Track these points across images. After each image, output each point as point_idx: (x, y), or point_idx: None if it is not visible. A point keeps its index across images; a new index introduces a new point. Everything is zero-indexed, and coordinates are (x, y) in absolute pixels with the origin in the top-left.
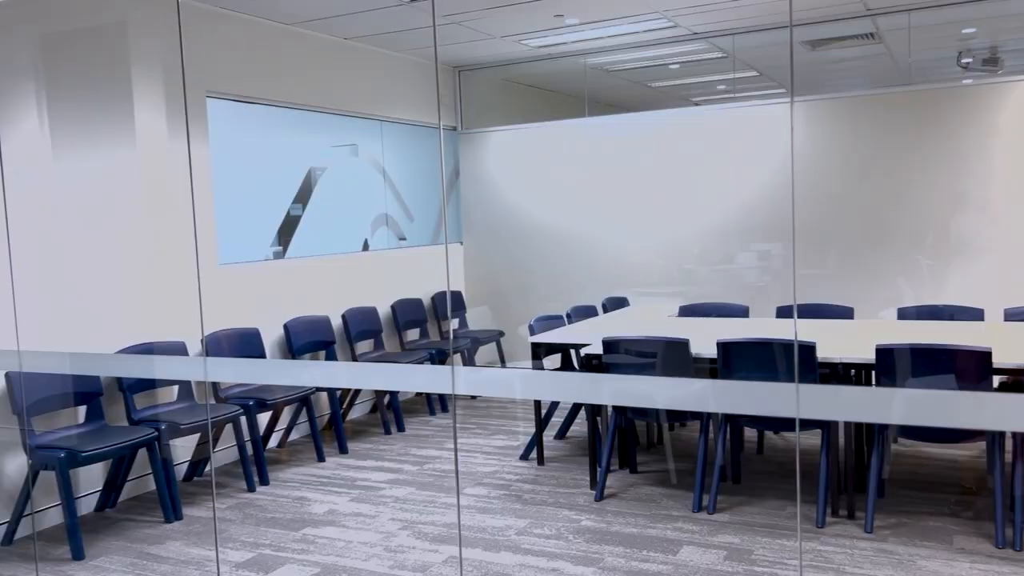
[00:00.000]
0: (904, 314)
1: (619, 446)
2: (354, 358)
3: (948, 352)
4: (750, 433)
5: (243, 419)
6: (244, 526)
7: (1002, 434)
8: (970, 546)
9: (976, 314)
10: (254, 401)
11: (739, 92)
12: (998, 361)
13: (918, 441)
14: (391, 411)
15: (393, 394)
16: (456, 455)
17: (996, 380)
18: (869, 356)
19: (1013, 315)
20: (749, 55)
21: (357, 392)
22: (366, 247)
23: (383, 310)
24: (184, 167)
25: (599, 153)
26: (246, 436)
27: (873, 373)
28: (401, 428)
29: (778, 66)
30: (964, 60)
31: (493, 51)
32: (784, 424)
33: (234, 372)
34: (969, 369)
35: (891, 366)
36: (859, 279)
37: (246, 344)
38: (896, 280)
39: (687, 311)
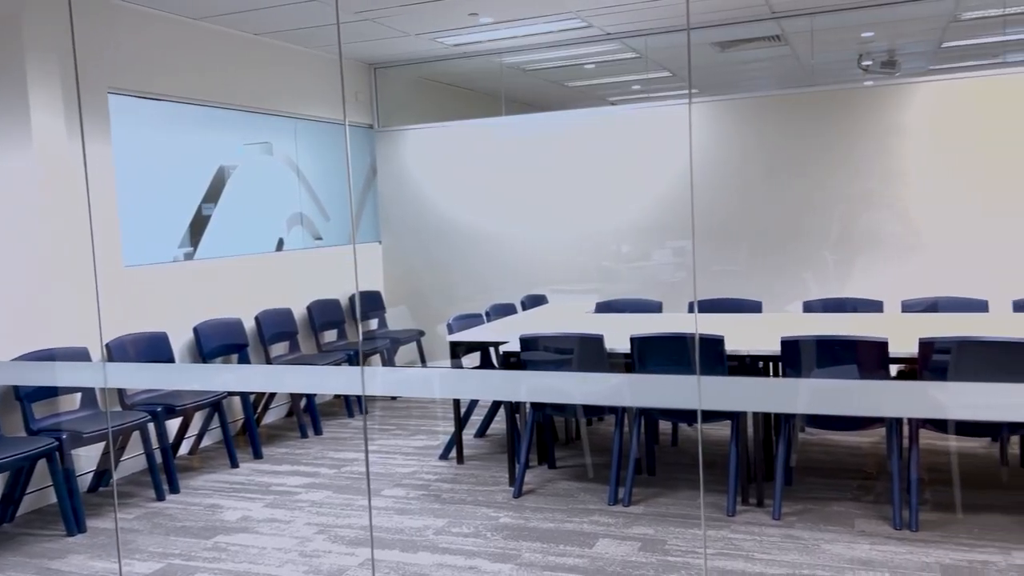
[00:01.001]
0: (809, 307)
1: (538, 442)
2: (268, 361)
3: (848, 343)
4: (665, 426)
5: (151, 426)
6: (152, 536)
7: (899, 420)
8: (870, 528)
9: (876, 306)
10: (162, 407)
11: (653, 92)
12: (895, 351)
13: (823, 429)
14: (308, 414)
15: (310, 397)
16: (367, 457)
17: (894, 369)
18: (776, 348)
19: (909, 307)
20: (662, 56)
21: (272, 396)
22: (280, 247)
23: (299, 311)
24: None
25: (517, 152)
26: (155, 443)
27: (779, 364)
28: (318, 431)
29: (692, 66)
30: (864, 62)
31: (409, 48)
32: (694, 416)
33: (135, 377)
34: (868, 359)
35: (795, 357)
36: (768, 274)
37: (153, 348)
38: (803, 275)
39: (603, 307)
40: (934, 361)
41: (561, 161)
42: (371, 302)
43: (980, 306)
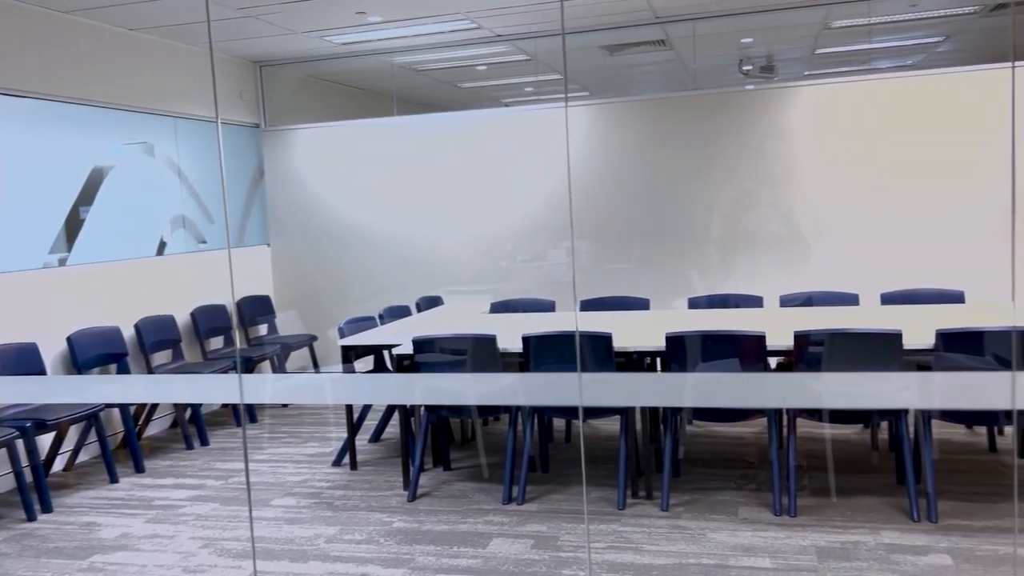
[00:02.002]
0: (695, 303)
1: (433, 445)
2: (149, 371)
3: (728, 337)
4: (561, 423)
5: (20, 443)
6: (22, 559)
7: (779, 411)
8: (752, 516)
9: (757, 302)
10: (32, 422)
11: (545, 94)
12: (772, 344)
13: (709, 422)
14: (193, 424)
15: (195, 407)
16: (247, 467)
17: (774, 361)
18: (662, 344)
19: (787, 301)
20: (552, 58)
21: (154, 407)
22: (162, 251)
23: (182, 318)
24: None
25: (410, 152)
26: (25, 461)
27: (664, 360)
28: (204, 442)
29: (581, 69)
30: (745, 67)
31: (296, 46)
32: (589, 413)
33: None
34: (747, 352)
35: (679, 353)
36: (658, 272)
37: (23, 360)
38: (689, 272)
39: (499, 308)
40: (810, 353)
41: (455, 162)
42: (260, 307)
43: (851, 300)
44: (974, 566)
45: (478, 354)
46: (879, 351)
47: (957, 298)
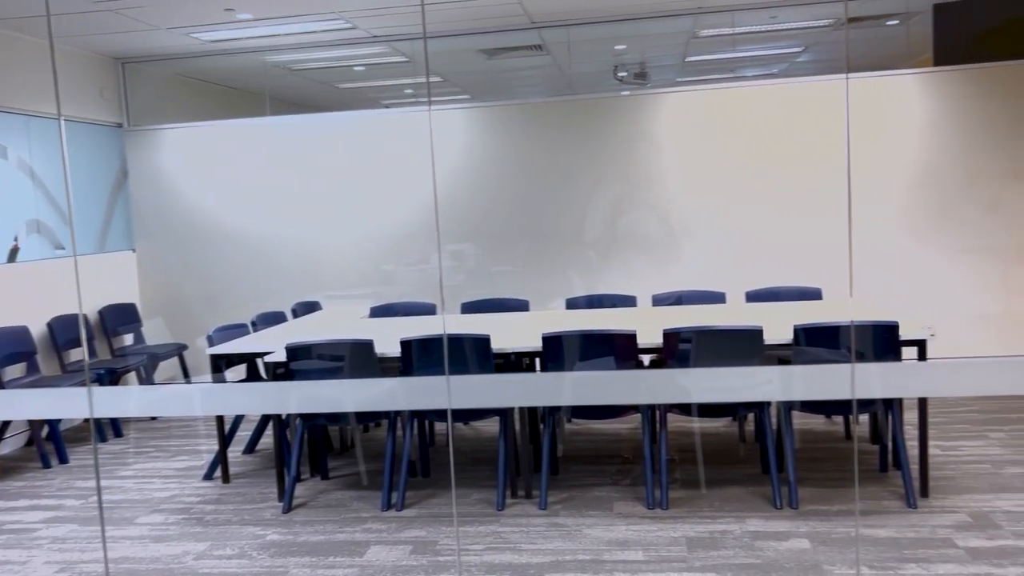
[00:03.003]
0: (573, 304)
1: (310, 454)
2: (1, 385)
3: (601, 336)
4: (442, 427)
5: None
6: None
7: (652, 406)
8: (627, 510)
9: (631, 301)
10: None
11: (425, 96)
12: (644, 342)
13: (586, 420)
14: (51, 441)
15: (52, 423)
16: (99, 484)
17: (648, 359)
18: (539, 344)
19: (659, 300)
20: (432, 60)
21: (6, 424)
22: (13, 258)
23: (38, 329)
24: None
25: (285, 153)
26: None
27: (542, 360)
28: (63, 460)
29: (460, 72)
30: (620, 74)
31: (161, 43)
32: (469, 415)
33: None
34: (620, 350)
35: (555, 352)
36: (539, 274)
37: None
38: (568, 273)
39: (379, 312)
40: (681, 350)
41: (333, 163)
42: (125, 315)
43: (719, 298)
44: (829, 548)
45: (355, 360)
46: (742, 347)
47: (815, 295)
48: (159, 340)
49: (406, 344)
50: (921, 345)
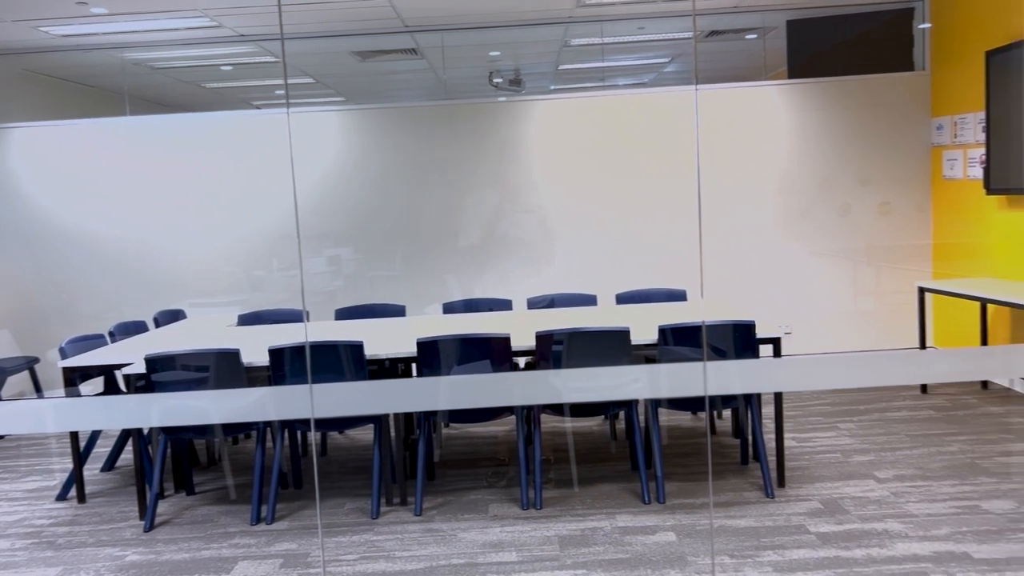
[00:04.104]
0: (450, 308)
1: (174, 468)
2: None
3: (476, 340)
4: (316, 436)
5: None
6: None
7: (527, 408)
8: (502, 512)
9: (507, 304)
10: None
11: (298, 98)
12: (518, 345)
13: (462, 423)
14: None
15: None
16: None
17: (523, 361)
18: (414, 350)
19: (533, 304)
20: (303, 61)
21: None
22: None
23: None
24: None
25: (147, 155)
26: None
27: (418, 365)
28: None
29: (332, 74)
30: (495, 80)
31: (5, 37)
32: (342, 423)
33: None
34: (494, 354)
35: (430, 357)
36: (418, 278)
37: None
38: (445, 277)
39: (248, 320)
40: (554, 352)
41: (200, 165)
42: None
43: (590, 300)
44: (693, 540)
45: (221, 370)
46: (611, 347)
47: (681, 296)
48: (7, 353)
49: (274, 353)
50: (776, 343)
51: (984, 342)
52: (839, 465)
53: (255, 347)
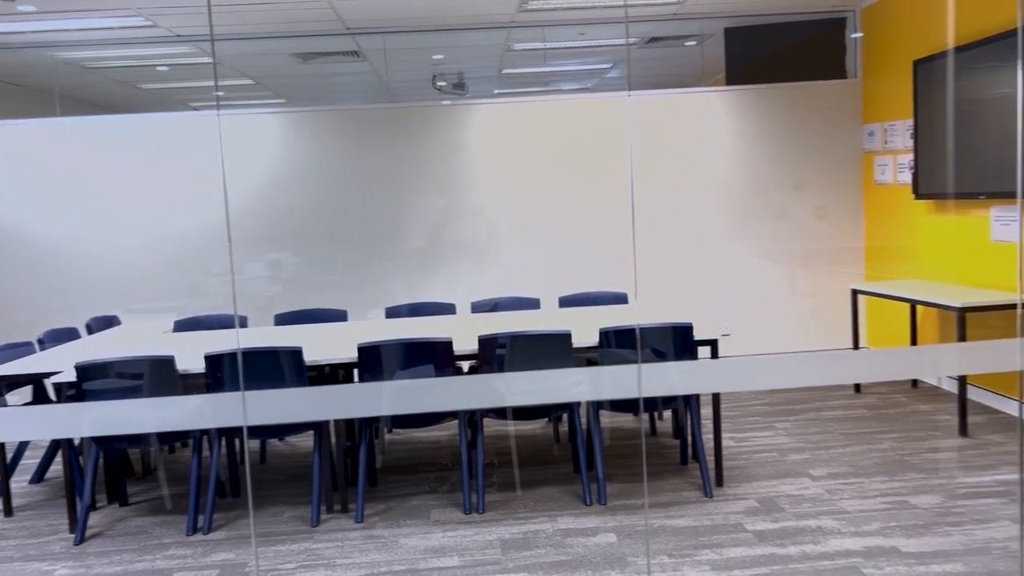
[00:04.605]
0: (393, 313)
1: (107, 479)
2: None
3: (418, 344)
4: (255, 444)
5: None
6: None
7: (470, 412)
8: (444, 516)
9: (450, 309)
10: None
11: (237, 99)
12: (461, 349)
13: (406, 428)
14: None
15: None
16: None
17: (467, 365)
18: (355, 355)
19: (477, 307)
20: (242, 63)
21: None
22: None
23: None
24: None
25: (79, 157)
26: None
27: (359, 371)
28: None
29: (272, 76)
30: (439, 83)
31: None
32: (282, 430)
33: None
34: (437, 358)
35: (371, 362)
36: (361, 282)
37: None
38: (388, 281)
39: (185, 326)
40: (497, 355)
41: (136, 168)
42: None
43: (534, 304)
44: (633, 540)
45: (155, 378)
46: (552, 350)
47: (623, 299)
48: None
49: (210, 359)
50: (713, 344)
51: (914, 342)
52: (776, 464)
53: (191, 354)
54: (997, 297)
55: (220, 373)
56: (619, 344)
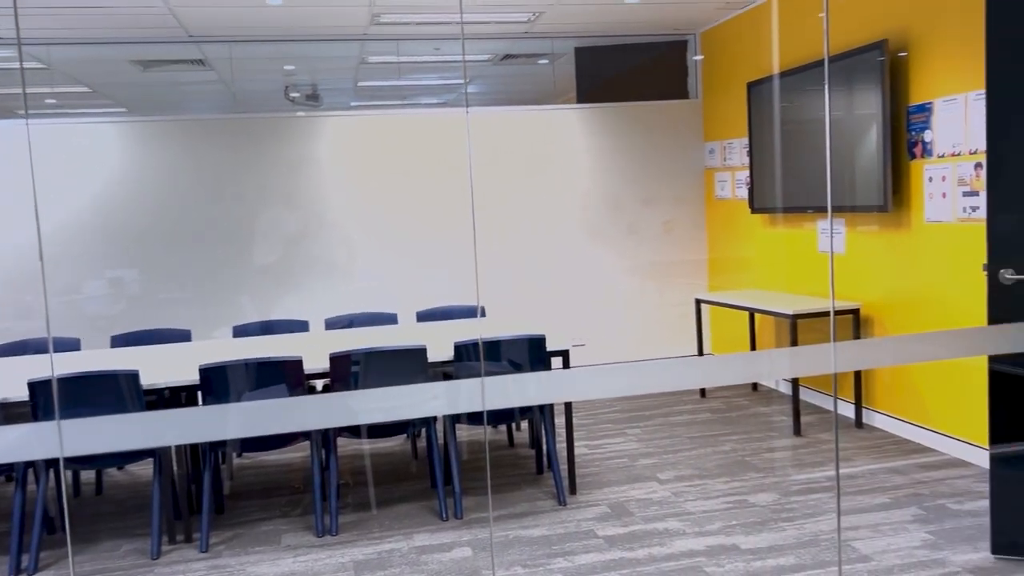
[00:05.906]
0: (241, 331)
1: None
2: None
3: (265, 364)
4: (89, 475)
5: None
6: None
7: (322, 433)
8: (296, 541)
9: (303, 326)
10: None
11: (74, 107)
12: (313, 367)
13: (255, 452)
14: None
15: None
16: None
17: (321, 384)
18: (197, 377)
19: (332, 324)
20: (76, 69)
21: None
22: None
23: None
24: None
25: None
26: None
27: (203, 393)
28: None
29: (111, 83)
30: (292, 94)
31: None
32: (115, 458)
33: None
34: (287, 377)
35: (215, 384)
36: (210, 300)
37: None
38: (238, 299)
39: (8, 350)
40: (353, 372)
41: None
42: None
43: (391, 319)
44: (488, 553)
45: None
46: (407, 365)
47: (481, 313)
48: None
49: (33, 387)
50: (565, 355)
51: (753, 347)
52: (626, 469)
53: (15, 380)
54: (825, 304)
55: (45, 401)
56: (475, 357)
